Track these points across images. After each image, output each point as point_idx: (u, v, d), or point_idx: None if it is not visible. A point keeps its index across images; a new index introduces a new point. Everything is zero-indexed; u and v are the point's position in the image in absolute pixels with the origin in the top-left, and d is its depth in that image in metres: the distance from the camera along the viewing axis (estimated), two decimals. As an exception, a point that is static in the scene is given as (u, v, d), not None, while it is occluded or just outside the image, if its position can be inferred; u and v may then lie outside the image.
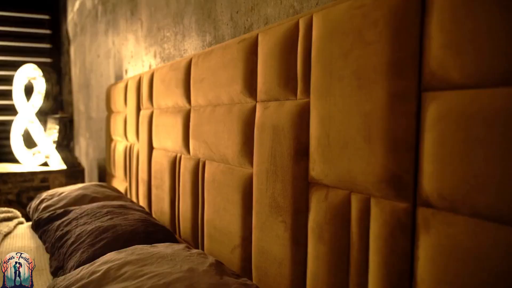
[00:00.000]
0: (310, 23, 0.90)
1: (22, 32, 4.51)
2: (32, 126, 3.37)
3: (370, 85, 0.73)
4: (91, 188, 2.04)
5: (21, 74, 3.46)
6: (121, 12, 2.70)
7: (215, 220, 1.31)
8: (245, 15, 1.31)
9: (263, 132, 1.05)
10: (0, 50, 4.38)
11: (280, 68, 0.99)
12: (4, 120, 4.34)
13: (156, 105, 1.85)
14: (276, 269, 1.00)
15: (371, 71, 0.73)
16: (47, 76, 3.38)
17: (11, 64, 4.34)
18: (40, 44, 4.58)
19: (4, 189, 2.99)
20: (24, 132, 3.46)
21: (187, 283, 0.87)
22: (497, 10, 0.56)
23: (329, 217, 0.84)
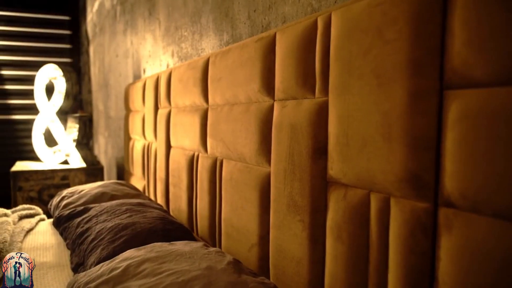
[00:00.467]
0: (329, 21, 0.90)
1: (43, 33, 4.61)
2: (53, 125, 3.44)
3: (389, 83, 0.73)
4: (110, 186, 2.07)
5: (42, 74, 3.53)
6: (139, 12, 2.72)
7: (233, 219, 1.31)
8: (262, 13, 1.31)
9: (281, 131, 1.05)
10: (22, 51, 4.48)
11: (298, 66, 0.99)
12: (26, 119, 4.45)
13: (174, 104, 1.87)
14: (294, 268, 1.00)
15: (390, 69, 0.72)
16: (67, 76, 3.44)
17: (33, 64, 4.44)
18: (60, 44, 4.67)
19: (26, 187, 3.06)
20: (45, 131, 3.52)
21: (206, 281, 0.87)
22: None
23: (348, 216, 0.84)
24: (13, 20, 4.50)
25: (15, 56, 4.45)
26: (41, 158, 3.52)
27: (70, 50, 4.75)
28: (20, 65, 4.47)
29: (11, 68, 4.43)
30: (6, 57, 4.41)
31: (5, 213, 2.03)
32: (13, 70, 4.44)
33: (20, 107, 4.47)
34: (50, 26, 4.64)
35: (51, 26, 4.64)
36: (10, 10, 4.55)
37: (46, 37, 4.62)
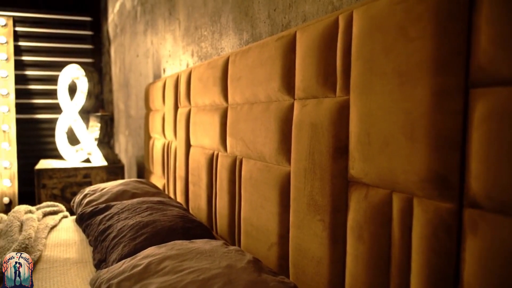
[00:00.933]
0: (350, 20, 0.89)
1: (66, 34, 4.70)
2: (75, 124, 3.50)
3: (413, 82, 0.71)
4: (131, 184, 2.10)
5: (65, 74, 3.60)
6: (160, 12, 2.75)
7: (252, 218, 1.31)
8: (282, 12, 1.31)
9: (301, 130, 1.05)
10: (46, 51, 4.58)
11: (319, 65, 0.98)
12: (49, 118, 4.54)
13: (194, 103, 1.88)
14: (314, 268, 1.00)
15: (414, 68, 0.71)
16: (89, 76, 3.50)
17: (56, 64, 4.54)
18: (82, 45, 4.75)
19: (50, 184, 3.13)
20: (68, 129, 3.60)
21: (226, 279, 0.88)
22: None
23: (369, 216, 0.83)
24: (38, 21, 4.60)
25: (39, 56, 4.55)
26: (64, 156, 3.60)
27: (92, 51, 4.83)
28: (44, 65, 4.57)
29: (35, 69, 4.54)
30: (31, 57, 4.52)
31: (30, 209, 2.08)
32: (37, 70, 4.54)
33: (44, 106, 4.57)
34: (72, 27, 4.73)
35: (74, 27, 4.73)
36: (35, 12, 4.66)
37: (69, 38, 4.71)
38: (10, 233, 1.69)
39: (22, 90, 4.45)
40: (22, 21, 4.50)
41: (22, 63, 4.47)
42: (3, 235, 1.70)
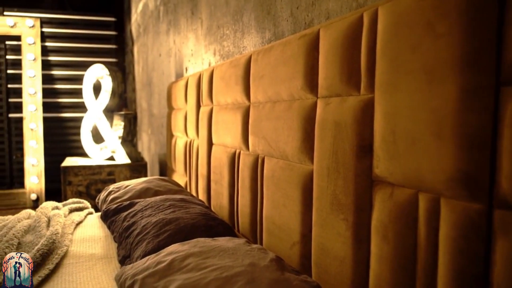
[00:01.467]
0: (375, 17, 0.88)
1: (91, 34, 4.79)
2: (100, 123, 3.57)
3: (440, 79, 0.70)
4: (154, 182, 2.13)
5: (91, 73, 3.68)
6: (182, 12, 2.78)
7: (274, 216, 1.31)
8: (305, 10, 1.30)
9: (324, 128, 1.04)
10: (71, 51, 4.68)
11: (343, 63, 0.98)
12: (75, 116, 4.65)
13: (216, 101, 1.89)
14: (337, 267, 0.99)
15: (442, 65, 0.70)
16: (113, 75, 3.56)
17: (81, 64, 4.64)
18: (106, 45, 4.84)
19: (75, 181, 3.20)
20: (93, 128, 3.68)
21: (249, 277, 0.88)
22: None
23: (394, 216, 0.82)
24: (64, 22, 4.71)
25: (65, 56, 4.66)
26: (89, 154, 3.68)
27: (116, 50, 4.92)
28: (69, 65, 4.68)
29: (61, 68, 4.65)
30: (57, 57, 4.63)
31: (56, 206, 2.14)
32: (63, 70, 4.65)
33: (69, 105, 4.68)
34: (97, 28, 4.82)
35: (98, 28, 4.83)
36: (61, 13, 4.77)
37: (94, 38, 4.81)
38: (38, 229, 1.74)
39: (48, 90, 4.56)
40: (49, 22, 4.61)
41: (49, 63, 4.58)
42: (31, 231, 1.74)
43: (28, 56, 4.38)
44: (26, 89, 4.35)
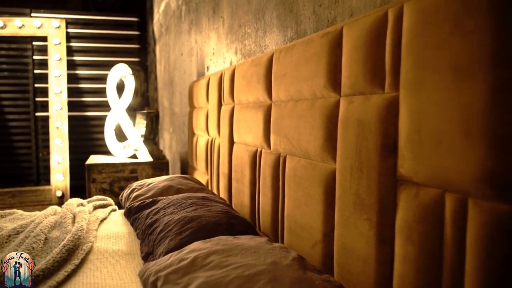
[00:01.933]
0: (400, 13, 0.86)
1: (114, 34, 4.87)
2: (123, 121, 3.63)
3: (469, 76, 0.68)
4: (176, 180, 2.15)
5: (114, 73, 3.74)
6: (204, 11, 2.79)
7: (296, 215, 1.31)
8: (328, 8, 1.29)
9: (347, 127, 1.03)
10: (95, 51, 4.77)
11: (367, 61, 0.96)
12: (99, 115, 4.74)
13: (237, 100, 1.90)
14: (360, 267, 0.98)
15: (470, 62, 0.68)
16: (136, 74, 3.61)
17: (104, 64, 4.72)
18: (129, 44, 4.91)
19: (99, 179, 3.26)
20: (116, 126, 3.74)
21: (271, 276, 0.88)
22: None
23: (419, 216, 0.81)
24: (88, 23, 4.80)
25: (89, 56, 4.75)
26: (113, 152, 3.75)
27: (138, 50, 4.99)
28: (93, 65, 4.77)
29: (85, 68, 4.74)
30: (82, 57, 4.72)
31: (81, 203, 2.18)
32: (87, 70, 4.75)
33: (93, 104, 4.77)
34: (120, 28, 4.90)
35: (121, 28, 4.90)
36: (85, 14, 4.86)
37: (117, 38, 4.89)
38: (64, 225, 1.78)
39: (73, 89, 4.66)
40: (74, 23, 4.71)
41: (74, 63, 4.68)
42: (57, 226, 1.79)
43: (54, 56, 4.49)
44: (52, 88, 4.46)
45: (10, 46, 4.53)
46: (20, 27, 4.44)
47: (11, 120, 4.56)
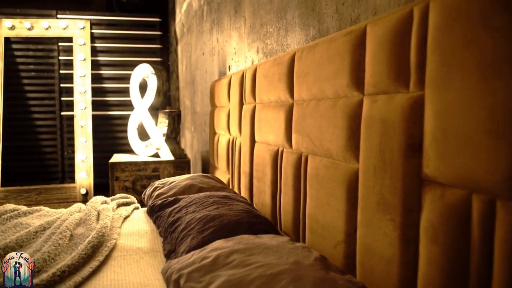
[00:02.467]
0: (426, 11, 0.85)
1: (137, 35, 4.95)
2: (145, 120, 3.68)
3: (497, 75, 0.67)
4: (198, 178, 2.17)
5: (137, 72, 3.80)
6: (225, 11, 2.81)
7: (318, 215, 1.30)
8: (351, 6, 1.28)
9: (370, 126, 1.02)
10: (119, 51, 4.86)
11: (391, 60, 0.95)
12: (122, 114, 4.82)
13: (259, 99, 1.90)
14: (383, 268, 0.97)
15: (499, 60, 0.67)
16: (158, 74, 3.66)
17: (127, 64, 4.80)
18: (151, 44, 4.97)
19: (122, 177, 3.32)
20: (138, 125, 3.80)
21: (294, 275, 0.88)
22: None
23: (445, 217, 0.79)
24: (112, 23, 4.89)
25: (112, 56, 4.84)
26: (135, 151, 3.81)
27: (160, 50, 5.05)
28: (117, 64, 4.85)
29: (109, 68, 4.83)
30: (105, 57, 4.81)
31: (105, 200, 2.23)
32: (110, 70, 4.83)
33: (117, 103, 4.86)
34: (143, 28, 4.97)
35: (144, 28, 4.97)
36: (109, 15, 4.95)
37: (139, 38, 4.96)
38: (88, 222, 1.82)
39: (97, 89, 4.76)
40: (98, 23, 4.80)
41: (98, 63, 4.78)
42: (82, 223, 1.83)
43: (79, 57, 4.58)
44: (77, 88, 4.56)
45: (37, 47, 4.65)
46: (46, 28, 4.56)
47: (37, 119, 4.68)
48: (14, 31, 4.49)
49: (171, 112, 3.55)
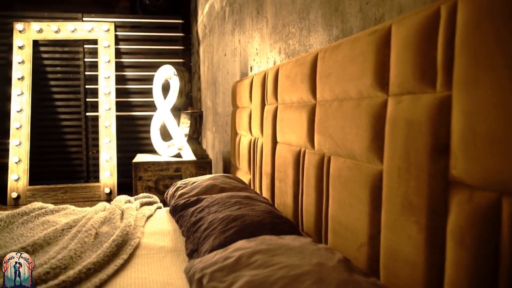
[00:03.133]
0: (454, 9, 0.83)
1: (160, 36, 5.01)
2: (168, 121, 3.73)
3: (530, 74, 0.65)
4: (220, 179, 2.18)
5: (160, 74, 3.85)
6: (247, 12, 2.81)
7: (340, 216, 1.29)
8: (376, 5, 1.26)
9: (395, 127, 1.00)
10: (142, 53, 4.93)
11: (417, 59, 0.94)
12: (145, 115, 4.89)
13: (281, 100, 1.90)
14: (408, 271, 0.95)
15: (531, 59, 0.65)
16: (180, 75, 3.70)
17: (150, 65, 4.86)
18: (174, 46, 5.03)
19: (145, 177, 3.36)
20: (161, 126, 3.84)
21: (317, 277, 0.87)
22: None
23: (473, 220, 0.77)
24: (136, 25, 4.97)
25: (136, 58, 4.91)
26: (158, 151, 3.85)
27: (182, 51, 5.10)
28: (140, 66, 4.93)
29: (133, 69, 4.91)
30: (129, 59, 4.89)
31: (129, 200, 2.26)
32: (134, 71, 4.91)
33: (140, 104, 4.93)
34: (165, 30, 5.03)
35: (167, 30, 5.03)
36: (133, 17, 5.03)
37: (162, 40, 5.02)
38: (113, 220, 1.85)
39: (121, 90, 4.84)
40: (122, 26, 4.88)
41: (122, 65, 4.86)
42: (107, 222, 1.86)
43: (104, 58, 4.67)
44: (102, 89, 4.65)
45: (63, 49, 4.76)
46: (72, 31, 4.66)
47: (64, 120, 4.79)
48: (42, 34, 4.61)
49: (193, 113, 3.58)
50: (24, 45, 4.54)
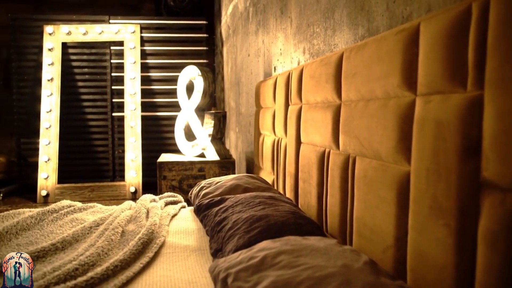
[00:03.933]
0: (486, 6, 0.81)
1: (184, 37, 5.07)
2: (192, 121, 3.76)
3: None
4: (244, 179, 2.19)
5: (184, 74, 3.89)
6: (271, 12, 2.81)
7: (366, 218, 1.27)
8: (403, 4, 1.24)
9: (423, 128, 0.98)
10: (166, 54, 4.99)
11: (447, 58, 0.91)
12: (169, 115, 4.95)
13: (305, 100, 1.89)
14: (437, 275, 0.93)
15: None
16: (204, 76, 3.72)
17: (174, 66, 4.92)
18: (198, 47, 5.07)
19: (169, 176, 3.41)
20: (185, 126, 3.88)
21: (343, 279, 0.86)
22: None
23: (506, 224, 0.75)
24: (160, 27, 5.04)
25: (161, 59, 4.98)
26: (182, 151, 3.90)
27: (206, 52, 5.14)
28: (165, 67, 4.99)
29: (157, 70, 4.98)
30: (154, 60, 4.96)
31: (154, 199, 2.30)
32: (158, 72, 4.98)
33: (165, 104, 4.99)
34: (190, 31, 5.08)
35: (191, 31, 5.08)
36: (158, 19, 5.11)
37: (186, 41, 5.07)
38: (138, 219, 1.88)
39: (146, 90, 4.91)
40: (147, 27, 4.96)
41: (147, 66, 4.93)
42: (133, 220, 1.89)
43: (129, 60, 4.76)
44: (127, 90, 4.73)
45: (91, 51, 4.87)
46: (99, 33, 4.77)
47: (91, 120, 4.90)
48: (70, 36, 4.73)
49: (216, 113, 3.61)
50: (54, 47, 4.67)
